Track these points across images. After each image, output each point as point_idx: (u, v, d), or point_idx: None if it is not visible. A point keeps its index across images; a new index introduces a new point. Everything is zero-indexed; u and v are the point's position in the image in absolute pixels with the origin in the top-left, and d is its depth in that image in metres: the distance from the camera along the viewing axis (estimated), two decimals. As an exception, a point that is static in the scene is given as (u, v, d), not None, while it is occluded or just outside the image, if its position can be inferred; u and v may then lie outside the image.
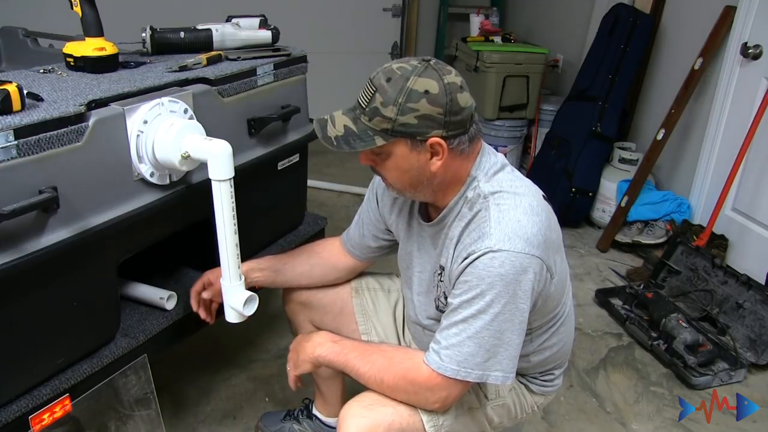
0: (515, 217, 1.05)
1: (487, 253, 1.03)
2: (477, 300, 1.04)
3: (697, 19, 2.83)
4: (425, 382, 1.09)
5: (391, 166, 1.09)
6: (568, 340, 1.31)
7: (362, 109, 1.06)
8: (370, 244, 1.42)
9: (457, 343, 1.05)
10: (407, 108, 1.02)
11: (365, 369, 1.15)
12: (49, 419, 1.15)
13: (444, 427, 1.17)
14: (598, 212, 3.12)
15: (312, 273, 1.46)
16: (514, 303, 1.04)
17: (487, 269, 1.03)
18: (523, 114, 3.64)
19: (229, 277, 1.27)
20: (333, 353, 1.19)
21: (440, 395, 1.10)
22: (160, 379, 1.42)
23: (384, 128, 1.04)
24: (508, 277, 1.02)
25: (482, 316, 1.04)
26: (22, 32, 1.87)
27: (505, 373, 1.07)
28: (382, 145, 1.05)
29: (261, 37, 1.68)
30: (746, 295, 2.19)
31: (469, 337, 1.04)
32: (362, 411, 1.12)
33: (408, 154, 1.07)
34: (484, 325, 1.04)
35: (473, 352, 1.05)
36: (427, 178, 1.10)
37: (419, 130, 1.04)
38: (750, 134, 2.38)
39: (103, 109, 1.18)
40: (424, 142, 1.05)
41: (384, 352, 1.17)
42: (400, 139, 1.05)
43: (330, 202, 3.30)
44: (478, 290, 1.03)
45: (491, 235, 1.04)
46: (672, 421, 1.89)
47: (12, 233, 1.03)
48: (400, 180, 1.12)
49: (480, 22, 3.91)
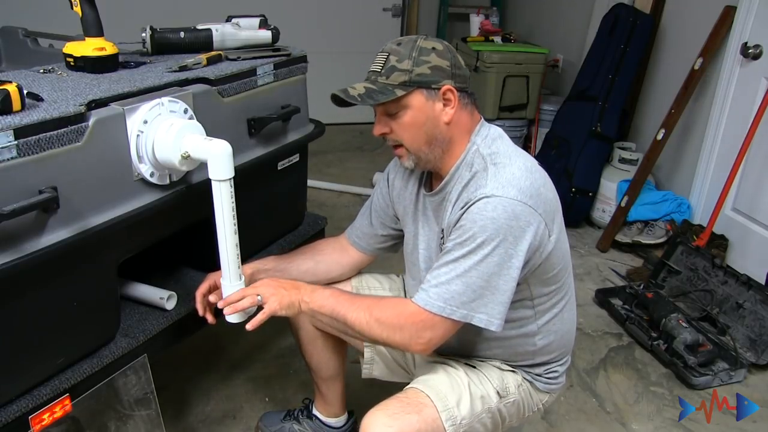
0: (510, 171, 1.13)
1: (481, 199, 1.09)
2: (468, 242, 1.09)
3: (697, 19, 2.83)
4: (411, 318, 1.13)
5: (408, 122, 1.16)
6: (570, 327, 1.33)
7: (377, 73, 1.15)
8: (378, 233, 1.45)
9: (445, 281, 1.10)
10: (421, 60, 1.14)
11: (352, 310, 1.18)
12: (49, 419, 1.15)
13: (462, 427, 1.18)
14: (598, 212, 3.12)
15: (317, 270, 1.47)
16: (503, 248, 1.08)
17: (480, 213, 1.08)
18: (523, 114, 3.64)
19: (229, 277, 1.27)
20: (322, 297, 1.22)
21: (425, 333, 1.13)
22: (160, 379, 1.42)
23: (402, 81, 1.13)
24: (500, 221, 1.07)
25: (471, 256, 1.09)
26: (22, 32, 1.87)
27: (490, 317, 1.11)
28: (402, 96, 1.13)
29: (261, 37, 1.68)
30: (746, 295, 2.19)
31: (458, 276, 1.09)
32: (388, 420, 1.12)
33: (424, 104, 1.15)
34: (473, 266, 1.09)
35: (460, 291, 1.09)
36: (441, 131, 1.17)
37: (433, 78, 1.15)
38: (750, 134, 2.38)
39: (103, 109, 1.18)
40: (438, 91, 1.15)
41: (372, 297, 1.25)
42: (417, 89, 1.14)
43: (330, 202, 3.30)
44: (471, 233, 1.09)
45: (486, 185, 1.11)
46: (672, 421, 1.89)
47: (12, 233, 1.03)
48: (416, 137, 1.17)
49: (480, 22, 3.91)
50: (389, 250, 1.50)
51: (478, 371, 1.27)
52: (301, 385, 1.93)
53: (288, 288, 1.25)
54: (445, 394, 1.19)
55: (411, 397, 1.18)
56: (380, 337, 1.17)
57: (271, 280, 1.28)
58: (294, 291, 1.24)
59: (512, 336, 1.26)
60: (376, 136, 1.20)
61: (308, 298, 1.23)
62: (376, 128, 1.19)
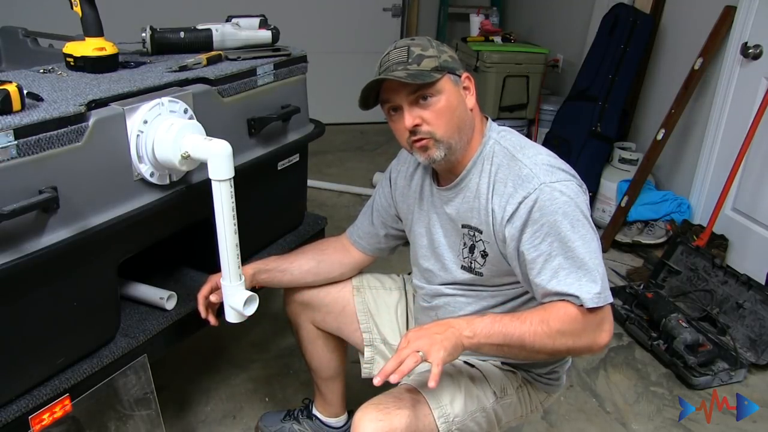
0: (543, 158, 1.16)
1: (543, 189, 1.10)
2: (562, 235, 1.09)
3: (697, 19, 2.83)
4: (592, 319, 1.10)
5: (443, 106, 1.15)
6: None
7: (404, 62, 1.14)
8: (379, 233, 1.45)
9: (576, 279, 1.09)
10: (441, 50, 1.17)
11: (526, 328, 1.10)
12: (49, 419, 1.15)
13: (455, 424, 1.18)
14: (598, 212, 3.12)
15: (318, 269, 1.47)
16: (587, 222, 1.12)
17: (553, 203, 1.10)
18: (523, 114, 3.64)
19: (229, 277, 1.27)
20: (485, 326, 1.10)
21: (604, 326, 1.12)
22: (160, 379, 1.42)
23: (434, 66, 1.14)
24: (573, 203, 1.10)
25: (576, 245, 1.09)
26: (22, 32, 1.87)
27: (608, 291, 1.12)
28: (438, 79, 1.14)
29: (261, 37, 1.68)
30: (746, 295, 2.19)
31: (579, 269, 1.09)
32: (379, 414, 1.12)
33: (454, 89, 1.17)
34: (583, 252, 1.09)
35: (593, 278, 1.09)
36: (469, 118, 1.19)
37: (455, 65, 1.18)
38: (750, 134, 2.38)
39: (103, 109, 1.18)
40: (460, 77, 1.18)
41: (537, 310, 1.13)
42: (447, 74, 1.16)
43: (330, 202, 3.30)
44: (557, 226, 1.09)
45: (535, 174, 1.12)
46: (672, 421, 1.89)
47: (12, 233, 1.03)
48: (451, 122, 1.16)
49: (480, 22, 3.92)
50: (390, 250, 1.50)
51: (476, 370, 1.27)
52: (301, 385, 1.93)
53: (441, 331, 1.09)
54: (439, 392, 1.18)
55: (404, 393, 1.18)
56: (565, 346, 1.11)
57: (416, 331, 1.11)
58: (449, 331, 1.09)
59: None
60: (408, 129, 1.15)
61: (469, 333, 1.09)
62: (408, 120, 1.14)
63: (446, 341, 1.06)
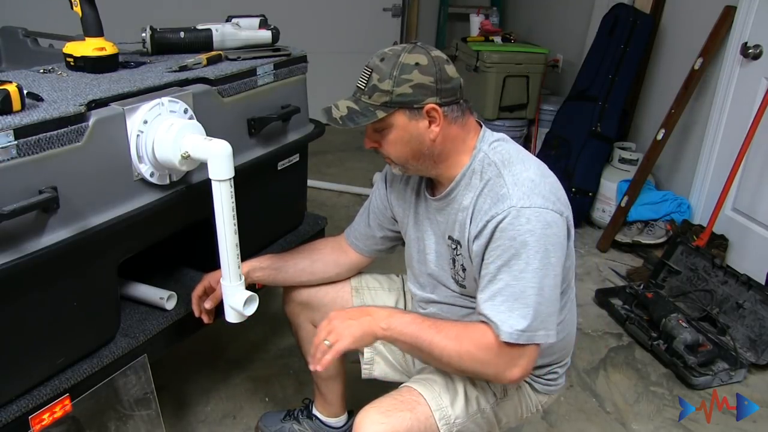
0: (528, 178, 1.11)
1: (511, 212, 1.07)
2: (513, 261, 1.07)
3: (697, 19, 2.83)
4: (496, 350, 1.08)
5: (393, 139, 1.15)
6: (572, 329, 1.33)
7: (362, 91, 1.14)
8: (375, 234, 1.45)
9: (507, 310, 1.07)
10: (402, 79, 1.10)
11: (439, 339, 1.11)
12: (49, 419, 1.15)
13: (456, 426, 1.18)
14: (598, 212, 3.12)
15: (313, 268, 1.47)
16: (546, 258, 1.07)
17: (515, 228, 1.07)
18: (523, 114, 3.64)
19: (229, 277, 1.27)
20: (402, 323, 1.13)
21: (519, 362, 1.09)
22: (160, 379, 1.42)
23: (383, 102, 1.11)
24: (537, 233, 1.06)
25: (524, 275, 1.07)
26: (22, 32, 1.87)
27: (548, 331, 1.10)
28: (383, 117, 1.11)
29: (261, 37, 1.68)
30: (746, 295, 2.19)
31: (516, 299, 1.07)
32: (380, 417, 1.12)
33: (407, 124, 1.13)
34: (528, 283, 1.07)
35: (523, 314, 1.07)
36: (428, 147, 1.15)
37: (415, 98, 1.11)
38: (750, 134, 2.38)
39: (103, 109, 1.18)
40: (421, 110, 1.12)
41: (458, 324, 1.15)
42: (399, 110, 1.12)
43: (330, 202, 3.30)
44: (513, 251, 1.07)
45: (510, 195, 1.09)
46: (672, 421, 1.89)
47: (12, 233, 1.03)
48: (402, 153, 1.17)
49: (480, 22, 3.91)
50: (387, 251, 1.49)
51: None
52: (301, 385, 1.93)
53: (357, 317, 1.15)
54: (439, 393, 1.19)
55: (405, 395, 1.19)
56: (471, 368, 1.13)
57: (336, 312, 1.18)
58: (366, 318, 1.14)
59: None
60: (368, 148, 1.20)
61: (385, 324, 1.13)
62: (366, 142, 1.20)
63: (356, 328, 1.13)
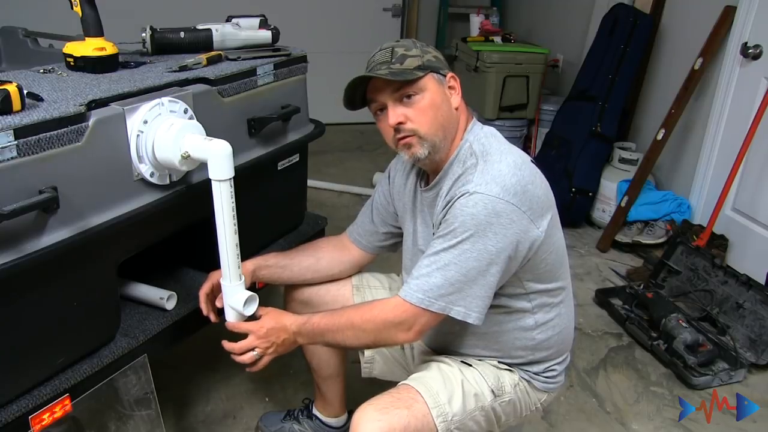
0: (497, 168, 1.14)
1: (464, 195, 1.12)
2: (449, 236, 1.12)
3: (697, 19, 2.83)
4: (393, 312, 1.16)
5: (427, 104, 1.17)
6: (568, 324, 1.33)
7: (388, 62, 1.17)
8: (379, 230, 1.46)
9: (425, 274, 1.14)
10: (425, 50, 1.20)
11: (340, 332, 1.21)
12: (49, 419, 1.15)
13: (454, 423, 1.18)
14: (598, 212, 3.12)
15: (318, 266, 1.48)
16: (482, 243, 1.10)
17: (462, 209, 1.11)
18: (523, 114, 3.64)
19: (229, 277, 1.27)
20: (311, 332, 1.24)
21: (408, 323, 1.16)
22: (160, 379, 1.42)
23: (417, 65, 1.16)
24: (479, 218, 1.09)
25: (452, 250, 1.11)
26: (22, 32, 1.87)
27: (468, 309, 1.14)
28: (421, 77, 1.16)
29: (261, 37, 1.68)
30: (746, 295, 2.19)
31: (438, 269, 1.12)
32: (377, 414, 1.12)
33: (438, 88, 1.19)
34: (452, 260, 1.11)
35: (439, 284, 1.12)
36: (453, 117, 1.21)
37: (440, 65, 1.20)
38: (750, 134, 2.38)
39: (103, 109, 1.18)
40: (445, 77, 1.21)
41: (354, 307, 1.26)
42: (430, 73, 1.18)
43: (330, 202, 3.30)
44: (452, 227, 1.12)
45: (472, 181, 1.14)
46: (672, 421, 1.89)
47: (12, 233, 1.03)
48: (434, 121, 1.18)
49: (480, 22, 3.91)
50: (389, 248, 1.50)
51: (474, 369, 1.27)
52: (301, 385, 1.93)
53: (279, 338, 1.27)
54: (437, 391, 1.19)
55: (402, 392, 1.19)
56: (371, 341, 1.21)
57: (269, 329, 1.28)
58: (282, 334, 1.27)
59: (510, 329, 1.26)
60: (392, 126, 1.18)
61: (301, 339, 1.27)
62: (392, 117, 1.17)
63: (281, 347, 1.28)
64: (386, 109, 1.19)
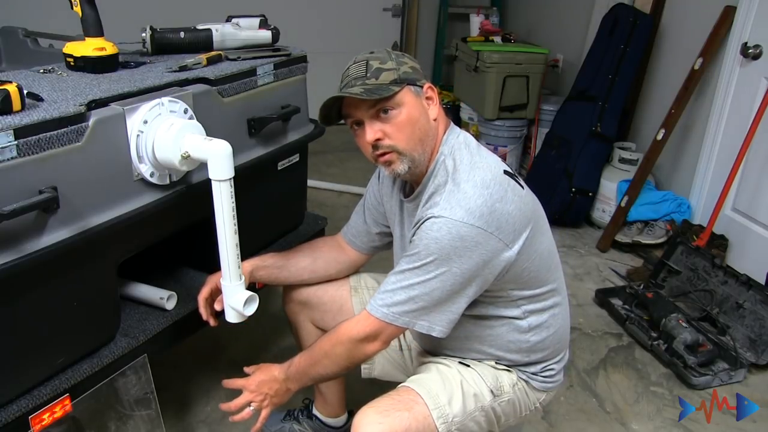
0: (463, 190, 1.13)
1: (429, 219, 1.12)
2: (414, 258, 1.13)
3: (697, 19, 2.83)
4: (357, 326, 1.19)
5: (404, 119, 1.15)
6: (564, 323, 1.33)
7: (363, 77, 1.15)
8: (372, 230, 1.46)
9: (391, 290, 1.16)
10: (401, 61, 1.17)
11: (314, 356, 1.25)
12: (49, 419, 1.15)
13: (454, 424, 1.18)
14: (598, 212, 3.12)
15: (315, 266, 1.48)
16: (447, 266, 1.10)
17: (426, 233, 1.11)
18: (523, 114, 3.64)
19: (229, 277, 1.27)
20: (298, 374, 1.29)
21: (372, 336, 1.18)
22: (160, 379, 1.42)
23: (392, 79, 1.14)
24: (443, 242, 1.09)
25: (417, 272, 1.13)
26: (22, 32, 1.87)
27: (431, 324, 1.16)
28: (397, 91, 1.14)
29: (261, 37, 1.68)
30: (746, 295, 2.19)
31: (402, 288, 1.14)
32: (378, 417, 1.12)
33: (415, 101, 1.17)
34: (416, 282, 1.13)
35: (403, 301, 1.14)
36: (431, 128, 1.19)
37: (416, 77, 1.18)
38: (750, 134, 2.38)
39: (103, 109, 1.18)
40: (422, 88, 1.19)
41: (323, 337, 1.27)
42: (407, 86, 1.16)
43: (330, 202, 3.30)
44: (416, 250, 1.13)
45: (438, 204, 1.13)
46: (672, 421, 1.89)
47: (12, 233, 1.03)
48: (412, 135, 1.16)
49: (480, 22, 3.91)
50: (384, 248, 1.50)
51: (472, 370, 1.27)
52: (301, 385, 1.93)
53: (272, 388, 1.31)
54: (437, 392, 1.19)
55: (402, 394, 1.19)
56: (347, 361, 1.22)
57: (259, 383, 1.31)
58: (274, 385, 1.30)
59: (503, 333, 1.26)
60: (370, 143, 1.17)
61: (292, 385, 1.31)
62: (369, 134, 1.15)
63: (276, 398, 1.31)
64: (363, 124, 1.17)
